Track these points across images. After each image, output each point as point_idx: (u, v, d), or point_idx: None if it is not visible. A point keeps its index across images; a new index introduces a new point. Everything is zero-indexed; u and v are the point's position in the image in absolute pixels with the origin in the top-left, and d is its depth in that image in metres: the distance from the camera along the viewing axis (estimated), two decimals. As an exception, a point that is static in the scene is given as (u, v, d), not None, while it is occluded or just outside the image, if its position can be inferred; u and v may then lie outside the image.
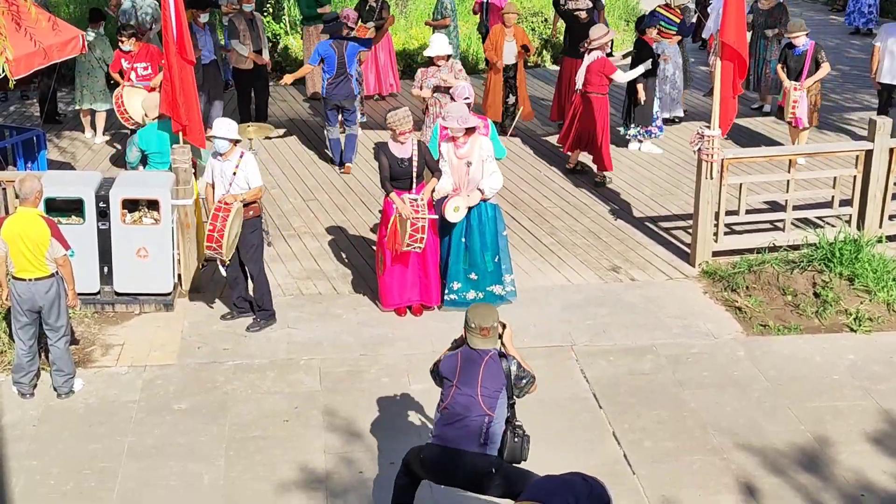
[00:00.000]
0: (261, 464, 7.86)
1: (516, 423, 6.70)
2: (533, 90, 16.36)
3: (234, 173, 9.38)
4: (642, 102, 13.84)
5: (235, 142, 9.42)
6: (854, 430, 8.31)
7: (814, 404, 8.64)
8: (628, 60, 14.25)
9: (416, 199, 9.50)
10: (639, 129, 14.19)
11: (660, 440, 8.17)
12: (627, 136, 14.30)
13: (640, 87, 13.70)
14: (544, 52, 18.92)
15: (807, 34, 13.35)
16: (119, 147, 14.06)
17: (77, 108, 14.69)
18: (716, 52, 10.55)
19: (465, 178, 9.68)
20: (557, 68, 16.12)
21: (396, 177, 9.55)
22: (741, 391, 8.82)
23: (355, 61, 13.53)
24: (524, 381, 6.64)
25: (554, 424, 8.19)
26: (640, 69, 13.33)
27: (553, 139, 14.52)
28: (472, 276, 9.91)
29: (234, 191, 9.40)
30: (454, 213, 9.60)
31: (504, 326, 6.74)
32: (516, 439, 6.63)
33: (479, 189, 9.67)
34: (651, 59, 13.58)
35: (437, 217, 9.75)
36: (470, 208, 9.68)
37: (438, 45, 12.47)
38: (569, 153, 13.54)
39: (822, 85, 13.66)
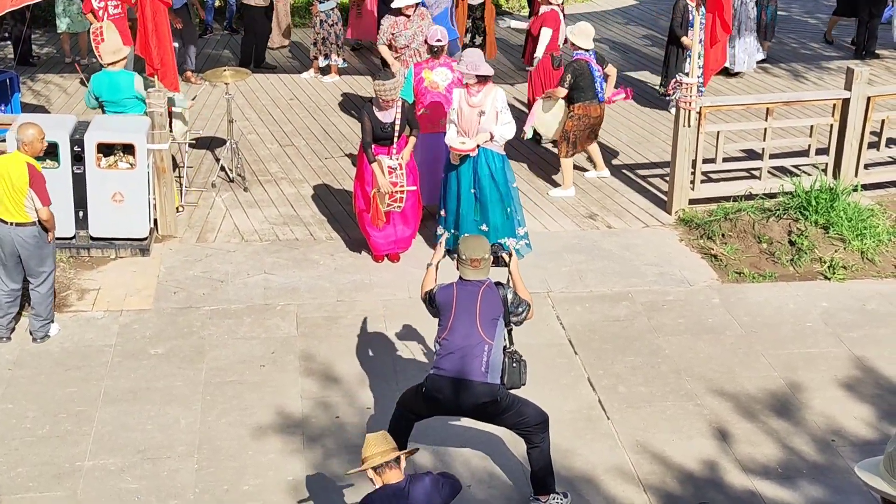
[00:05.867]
0: (237, 408, 7.88)
1: (513, 349, 6.78)
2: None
3: None
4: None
5: None
6: (826, 376, 8.40)
7: (787, 351, 8.73)
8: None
9: (395, 168, 9.47)
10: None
11: (634, 386, 8.24)
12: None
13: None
14: None
15: (587, 49, 11.07)
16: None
17: (58, 32, 14.69)
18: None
19: (476, 128, 9.50)
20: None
21: (378, 138, 9.53)
22: (715, 338, 8.90)
23: None
24: (521, 307, 6.72)
25: (530, 370, 8.22)
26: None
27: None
28: (484, 227, 9.75)
29: None
30: (461, 144, 9.48)
31: (510, 255, 6.86)
32: (514, 364, 6.71)
33: (490, 132, 9.50)
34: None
35: (415, 189, 9.72)
36: (476, 158, 9.54)
37: None
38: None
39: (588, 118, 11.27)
